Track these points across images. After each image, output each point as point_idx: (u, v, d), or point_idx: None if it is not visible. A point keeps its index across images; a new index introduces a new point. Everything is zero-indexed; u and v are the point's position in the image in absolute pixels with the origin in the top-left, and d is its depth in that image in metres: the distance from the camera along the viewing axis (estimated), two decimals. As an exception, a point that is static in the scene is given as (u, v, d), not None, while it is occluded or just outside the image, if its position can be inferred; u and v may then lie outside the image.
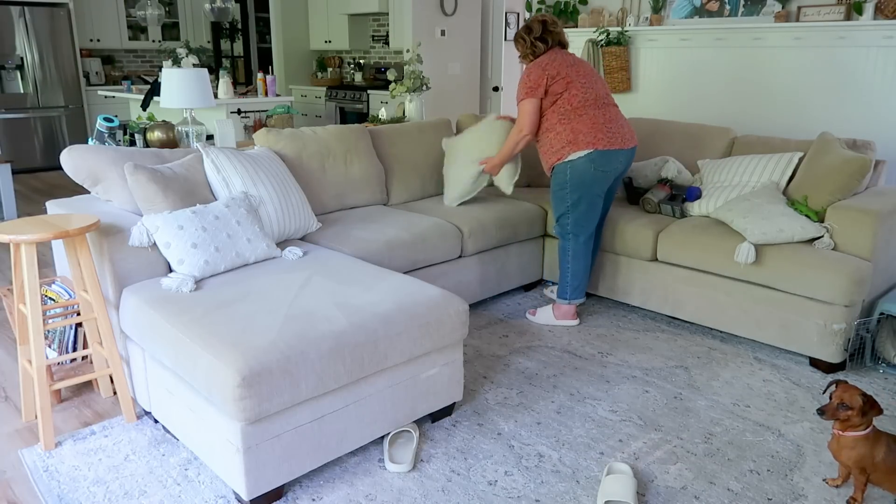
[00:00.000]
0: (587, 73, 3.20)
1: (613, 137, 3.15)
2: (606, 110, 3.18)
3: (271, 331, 2.05)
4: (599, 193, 3.23)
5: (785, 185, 3.35)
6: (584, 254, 3.33)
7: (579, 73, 3.17)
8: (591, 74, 3.22)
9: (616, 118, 3.21)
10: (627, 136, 3.21)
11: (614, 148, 3.14)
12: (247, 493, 1.99)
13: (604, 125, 3.14)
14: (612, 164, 3.18)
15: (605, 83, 3.32)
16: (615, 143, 3.14)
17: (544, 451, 2.38)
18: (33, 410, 2.58)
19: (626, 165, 3.28)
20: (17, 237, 2.19)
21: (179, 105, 3.90)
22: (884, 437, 2.02)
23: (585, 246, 3.32)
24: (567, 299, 3.40)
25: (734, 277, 3.15)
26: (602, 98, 3.19)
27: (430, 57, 7.14)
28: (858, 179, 3.03)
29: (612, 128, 3.16)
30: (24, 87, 7.72)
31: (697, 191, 3.57)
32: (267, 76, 6.17)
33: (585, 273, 3.38)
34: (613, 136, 3.15)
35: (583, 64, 3.23)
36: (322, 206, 3.49)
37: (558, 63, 3.16)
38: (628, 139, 3.21)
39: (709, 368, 3.01)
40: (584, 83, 3.16)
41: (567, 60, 3.19)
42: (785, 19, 4.65)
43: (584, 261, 3.34)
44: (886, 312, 2.91)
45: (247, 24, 10.20)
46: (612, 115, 3.19)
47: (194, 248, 2.46)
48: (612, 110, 3.22)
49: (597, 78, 3.23)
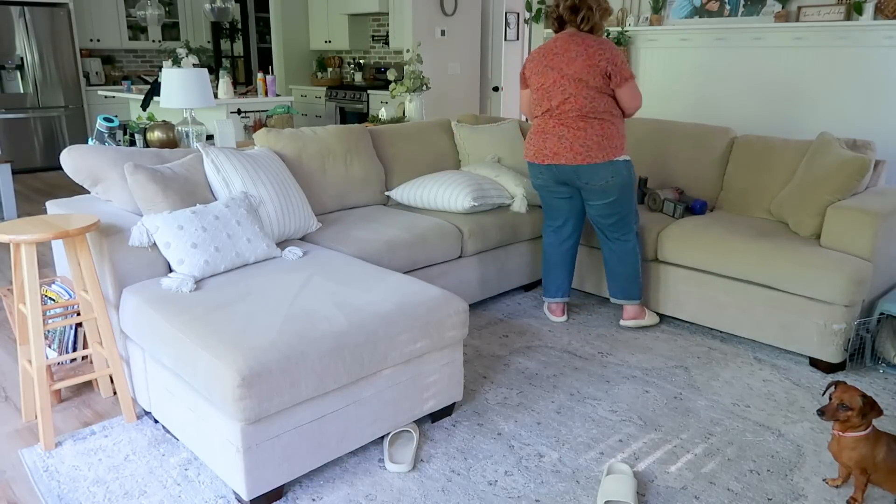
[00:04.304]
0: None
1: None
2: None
3: (271, 331, 2.05)
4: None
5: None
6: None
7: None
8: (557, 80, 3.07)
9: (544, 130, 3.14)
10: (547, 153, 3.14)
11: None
12: (247, 493, 1.99)
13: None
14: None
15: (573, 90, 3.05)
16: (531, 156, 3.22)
17: (544, 451, 2.38)
18: (33, 410, 2.58)
19: (558, 175, 3.16)
20: (17, 237, 2.19)
21: (179, 105, 3.90)
22: (884, 437, 2.02)
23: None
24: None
25: (734, 277, 3.15)
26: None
27: (430, 57, 7.14)
28: (858, 179, 3.03)
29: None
30: (24, 87, 7.72)
31: (704, 204, 3.62)
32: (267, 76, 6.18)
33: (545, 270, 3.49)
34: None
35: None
36: (322, 206, 3.49)
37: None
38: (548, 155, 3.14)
39: (709, 368, 3.01)
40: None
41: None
42: (785, 19, 4.65)
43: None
44: (886, 312, 2.91)
45: (247, 24, 10.20)
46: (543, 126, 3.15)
47: (194, 248, 2.46)
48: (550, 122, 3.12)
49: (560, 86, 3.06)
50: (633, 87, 3.06)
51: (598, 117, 3.04)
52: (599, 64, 2.98)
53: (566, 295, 3.47)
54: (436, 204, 3.55)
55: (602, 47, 3.00)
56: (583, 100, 3.02)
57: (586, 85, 3.01)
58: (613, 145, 3.06)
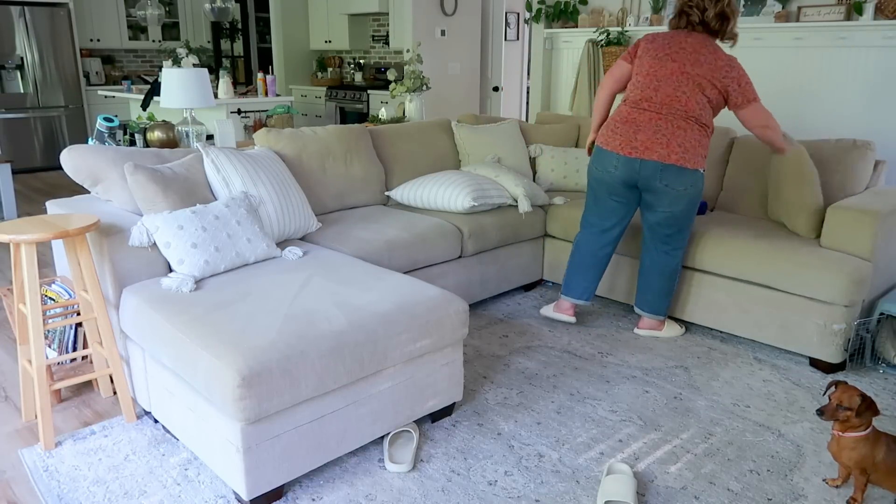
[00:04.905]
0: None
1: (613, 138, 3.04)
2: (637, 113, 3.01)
3: (271, 331, 2.05)
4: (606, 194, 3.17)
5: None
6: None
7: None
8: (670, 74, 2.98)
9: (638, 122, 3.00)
10: (639, 146, 2.98)
11: (608, 149, 3.06)
12: (247, 493, 1.99)
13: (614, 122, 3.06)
14: (604, 165, 3.09)
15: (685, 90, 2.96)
16: (611, 145, 3.04)
17: (544, 451, 2.38)
18: (33, 410, 2.58)
19: (633, 175, 3.03)
20: (17, 237, 2.19)
21: (179, 105, 3.90)
22: (883, 437, 2.02)
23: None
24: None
25: (734, 277, 3.15)
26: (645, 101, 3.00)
27: (430, 57, 7.14)
28: (808, 167, 3.10)
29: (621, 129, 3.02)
30: (24, 87, 7.72)
31: (704, 204, 3.63)
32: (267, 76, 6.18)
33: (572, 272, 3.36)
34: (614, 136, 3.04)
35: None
36: (322, 206, 3.49)
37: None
38: (639, 149, 2.98)
39: (709, 368, 3.01)
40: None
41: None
42: (785, 19, 4.65)
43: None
44: (886, 312, 2.91)
45: (247, 24, 10.20)
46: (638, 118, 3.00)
47: (194, 247, 2.47)
48: (645, 115, 2.99)
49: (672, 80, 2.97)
50: (760, 108, 2.97)
51: (699, 123, 2.97)
52: (723, 80, 2.92)
53: (590, 299, 3.35)
54: (436, 204, 3.55)
55: (731, 65, 2.94)
56: (694, 103, 2.94)
57: (702, 91, 2.94)
58: (702, 155, 2.99)
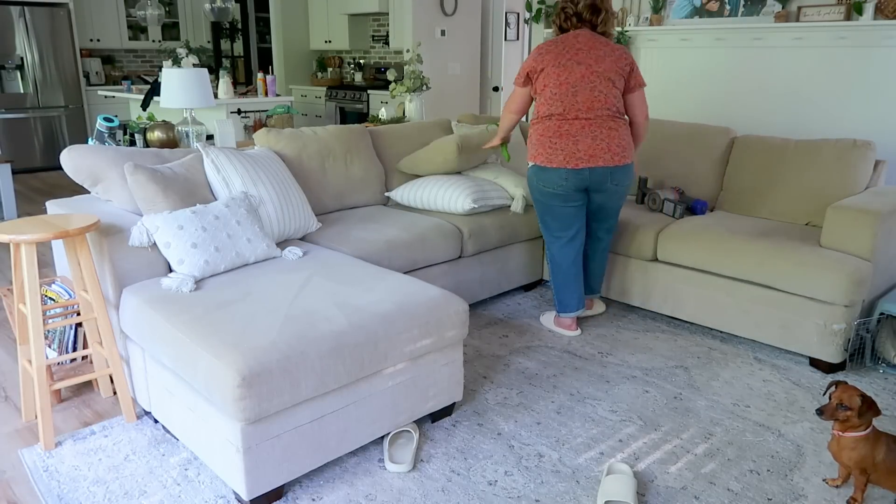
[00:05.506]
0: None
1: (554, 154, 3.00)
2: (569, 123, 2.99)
3: (271, 331, 2.05)
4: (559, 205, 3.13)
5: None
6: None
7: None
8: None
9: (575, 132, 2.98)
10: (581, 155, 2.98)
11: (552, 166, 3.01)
12: (247, 493, 1.99)
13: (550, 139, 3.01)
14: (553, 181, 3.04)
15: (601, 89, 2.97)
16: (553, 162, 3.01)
17: (544, 451, 2.38)
18: (33, 410, 2.58)
19: (583, 181, 3.02)
20: (17, 237, 2.19)
21: (179, 105, 3.90)
22: (884, 437, 2.02)
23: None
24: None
25: (734, 277, 3.15)
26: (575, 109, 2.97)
27: (430, 57, 7.14)
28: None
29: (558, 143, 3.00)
30: (24, 87, 7.71)
31: (704, 204, 3.62)
32: (267, 76, 6.18)
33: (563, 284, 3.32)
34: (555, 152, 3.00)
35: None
36: (322, 206, 3.49)
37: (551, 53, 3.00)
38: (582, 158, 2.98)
39: (709, 368, 3.01)
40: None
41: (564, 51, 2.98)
42: (785, 19, 4.65)
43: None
44: (886, 312, 2.91)
45: (247, 24, 10.20)
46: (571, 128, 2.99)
47: (194, 247, 2.46)
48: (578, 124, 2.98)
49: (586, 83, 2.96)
50: (644, 95, 3.10)
51: (622, 118, 3.05)
52: (625, 67, 2.98)
53: (584, 304, 3.37)
54: (436, 205, 3.55)
55: (624, 51, 3.03)
56: (613, 99, 2.98)
57: (613, 84, 2.97)
58: (633, 146, 3.11)
